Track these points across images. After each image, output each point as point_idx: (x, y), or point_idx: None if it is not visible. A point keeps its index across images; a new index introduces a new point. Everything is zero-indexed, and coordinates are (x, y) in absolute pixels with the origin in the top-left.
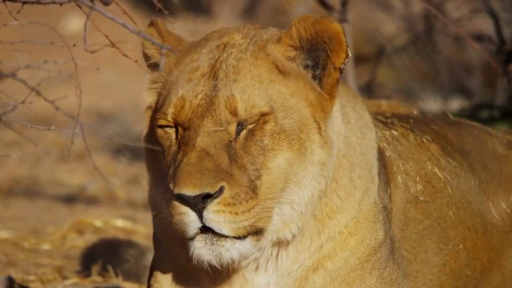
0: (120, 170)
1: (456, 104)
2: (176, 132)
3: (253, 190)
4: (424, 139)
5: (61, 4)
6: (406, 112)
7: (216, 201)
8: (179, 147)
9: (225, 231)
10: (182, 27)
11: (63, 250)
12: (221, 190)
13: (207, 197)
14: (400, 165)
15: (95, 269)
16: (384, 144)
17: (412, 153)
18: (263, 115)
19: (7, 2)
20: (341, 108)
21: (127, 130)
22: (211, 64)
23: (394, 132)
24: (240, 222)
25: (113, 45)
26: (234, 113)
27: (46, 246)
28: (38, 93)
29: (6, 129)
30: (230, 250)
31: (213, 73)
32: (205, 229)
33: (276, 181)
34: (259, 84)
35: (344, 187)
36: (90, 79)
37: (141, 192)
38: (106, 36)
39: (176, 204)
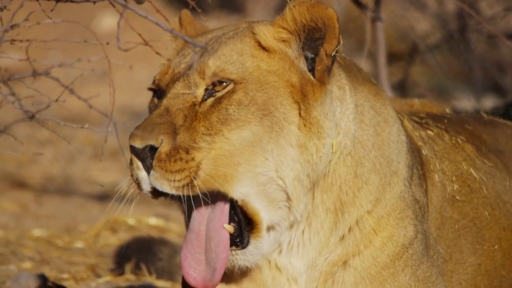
0: None
1: (489, 102)
2: (159, 97)
3: (187, 151)
4: (459, 140)
5: (94, 2)
6: (439, 111)
7: (156, 155)
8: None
9: (165, 188)
10: (215, 25)
11: (97, 248)
12: (161, 144)
13: (153, 150)
14: (437, 164)
15: (128, 267)
16: (420, 143)
17: (447, 153)
18: (234, 83)
19: (41, 1)
20: (355, 107)
21: None
22: (207, 42)
23: (429, 132)
24: (174, 181)
25: (146, 43)
26: (202, 75)
27: (79, 244)
28: (71, 91)
29: (40, 128)
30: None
31: (205, 48)
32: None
33: (236, 152)
34: (238, 55)
35: (347, 182)
36: (123, 77)
37: None
38: (139, 34)
39: (133, 158)
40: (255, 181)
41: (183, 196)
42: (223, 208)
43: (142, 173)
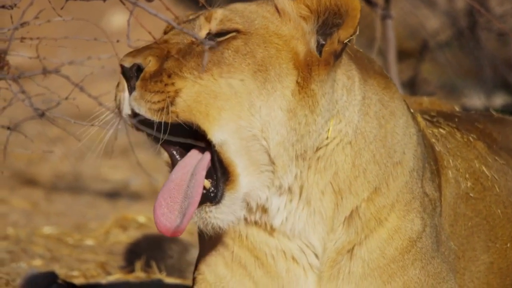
0: (163, 165)
1: (499, 100)
2: None
3: (170, 75)
4: (470, 138)
5: (104, 0)
6: (448, 109)
7: (141, 75)
8: None
9: (141, 110)
10: None
11: (107, 246)
12: (147, 64)
13: (140, 71)
14: (450, 161)
15: (138, 264)
16: (434, 140)
17: (460, 151)
18: (237, 32)
19: None
20: (362, 99)
21: None
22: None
23: (441, 130)
24: (151, 102)
25: (156, 40)
26: (208, 19)
27: (89, 242)
28: (81, 89)
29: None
30: None
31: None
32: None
33: (222, 97)
34: (249, 13)
35: (345, 170)
36: None
37: None
38: (149, 32)
39: (120, 79)
40: (237, 134)
41: (160, 124)
42: (205, 157)
43: (125, 94)
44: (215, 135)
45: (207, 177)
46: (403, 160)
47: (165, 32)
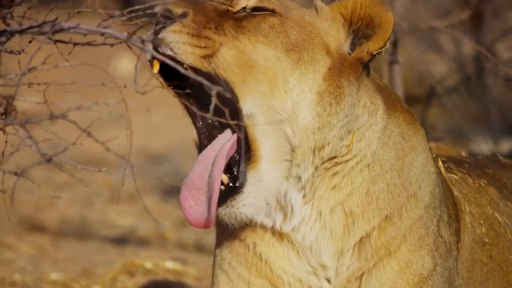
0: (170, 211)
1: (506, 145)
2: None
3: (216, 26)
4: (482, 183)
5: (112, 45)
6: (456, 154)
7: (177, 22)
8: None
9: (178, 50)
10: None
11: None
12: (185, 15)
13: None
14: (466, 206)
15: None
16: (451, 186)
17: (474, 196)
18: (273, 12)
19: (58, 44)
20: (384, 128)
21: (177, 171)
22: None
23: (454, 176)
24: (195, 47)
25: (163, 86)
26: None
27: None
28: (89, 134)
29: (57, 171)
30: None
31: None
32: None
33: (259, 67)
34: (287, 2)
35: (359, 194)
36: (141, 120)
37: (191, 233)
38: (157, 78)
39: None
40: (267, 113)
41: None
42: (225, 147)
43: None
44: (246, 105)
45: (225, 172)
46: (419, 193)
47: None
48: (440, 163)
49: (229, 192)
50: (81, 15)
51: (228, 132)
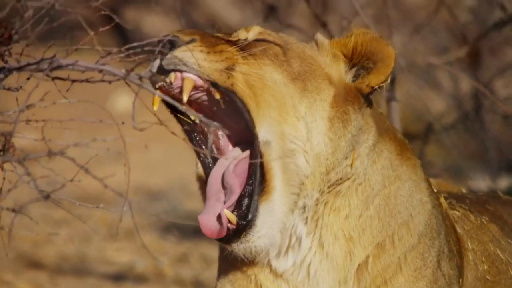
0: (168, 248)
1: (504, 182)
2: None
3: (225, 43)
4: (483, 220)
5: (110, 82)
6: (456, 190)
7: (184, 46)
8: None
9: (192, 65)
10: None
11: None
12: (193, 40)
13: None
14: (469, 243)
15: None
16: (453, 223)
17: (476, 233)
18: (273, 43)
19: (56, 81)
20: (373, 145)
21: (175, 208)
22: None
23: (456, 212)
24: (211, 61)
25: (161, 123)
26: (247, 30)
27: None
28: (86, 171)
29: (55, 207)
30: None
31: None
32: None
33: (268, 89)
34: (287, 37)
35: (354, 218)
36: (139, 156)
37: (190, 270)
38: (155, 114)
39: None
40: (281, 141)
41: (217, 90)
42: (244, 159)
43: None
44: (262, 131)
45: (232, 210)
46: (410, 222)
47: None
48: (443, 200)
49: (241, 230)
50: (79, 52)
51: (234, 151)
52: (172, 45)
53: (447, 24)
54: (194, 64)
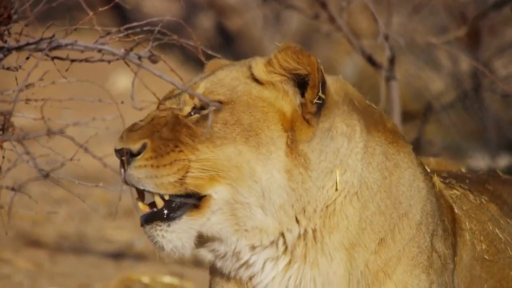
0: None
1: (503, 161)
2: None
3: (176, 144)
4: (482, 200)
5: (109, 62)
6: (456, 169)
7: (139, 157)
8: None
9: (148, 186)
10: None
11: None
12: (144, 146)
13: (132, 156)
14: (467, 223)
15: None
16: (451, 202)
17: (474, 213)
18: (221, 104)
19: (56, 61)
20: (364, 147)
21: None
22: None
23: (456, 191)
24: (162, 176)
25: (160, 102)
26: (192, 96)
27: None
28: (86, 150)
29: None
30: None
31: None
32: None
33: (223, 168)
34: (231, 80)
35: (354, 224)
36: None
37: None
38: (154, 93)
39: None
40: (234, 196)
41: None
42: None
43: (121, 177)
44: (208, 191)
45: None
46: (409, 212)
47: (157, 107)
48: (436, 179)
49: (157, 216)
50: (79, 32)
51: None
52: (130, 155)
53: (447, 4)
54: (150, 184)
